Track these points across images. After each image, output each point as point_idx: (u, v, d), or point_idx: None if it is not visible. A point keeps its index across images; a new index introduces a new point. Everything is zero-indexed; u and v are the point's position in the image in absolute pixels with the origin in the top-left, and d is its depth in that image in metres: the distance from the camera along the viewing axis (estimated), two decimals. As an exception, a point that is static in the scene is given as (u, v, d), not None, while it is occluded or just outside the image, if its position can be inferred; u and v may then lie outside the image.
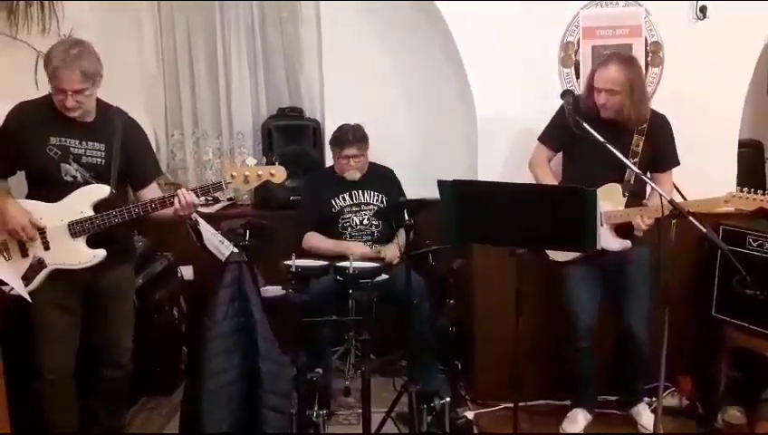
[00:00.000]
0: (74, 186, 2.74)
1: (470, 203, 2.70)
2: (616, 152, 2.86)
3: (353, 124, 3.80)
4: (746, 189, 2.92)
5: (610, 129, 3.03)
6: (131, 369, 3.05)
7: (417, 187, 3.80)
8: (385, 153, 4.02)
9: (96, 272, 2.80)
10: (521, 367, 2.84)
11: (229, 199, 4.37)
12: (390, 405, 3.15)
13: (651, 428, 3.34)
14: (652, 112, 3.18)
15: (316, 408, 3.14)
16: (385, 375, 3.64)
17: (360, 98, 4.09)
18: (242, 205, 4.36)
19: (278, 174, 2.79)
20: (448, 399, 3.18)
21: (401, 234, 3.64)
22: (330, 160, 3.98)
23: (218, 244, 3.12)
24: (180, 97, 4.35)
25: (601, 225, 3.08)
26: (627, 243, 3.14)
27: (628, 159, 3.02)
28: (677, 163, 3.20)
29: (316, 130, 4.19)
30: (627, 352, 3.35)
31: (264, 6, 4.22)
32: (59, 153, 2.73)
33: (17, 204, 2.75)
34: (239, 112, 4.31)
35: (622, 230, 3.13)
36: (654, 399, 3.50)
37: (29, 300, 2.74)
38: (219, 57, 4.25)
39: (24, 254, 2.76)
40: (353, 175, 3.77)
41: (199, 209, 3.96)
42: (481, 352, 3.69)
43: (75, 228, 2.71)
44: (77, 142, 2.76)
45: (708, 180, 3.34)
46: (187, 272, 4.10)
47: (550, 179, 3.27)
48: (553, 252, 3.20)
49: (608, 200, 3.08)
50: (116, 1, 4.12)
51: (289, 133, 4.17)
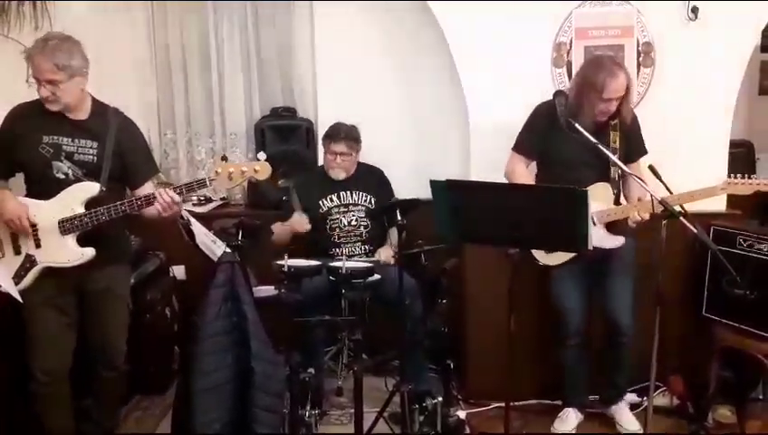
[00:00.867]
0: (66, 183, 2.74)
1: (463, 203, 2.71)
2: (609, 154, 2.88)
3: (349, 124, 3.80)
4: (740, 175, 2.95)
5: (590, 130, 3.05)
6: (126, 370, 3.05)
7: (409, 187, 3.80)
8: (377, 153, 4.01)
9: (90, 272, 2.79)
10: (513, 367, 2.84)
11: (222, 199, 4.36)
12: (383, 405, 3.15)
13: (631, 427, 3.37)
14: None
15: (308, 408, 3.14)
16: (377, 375, 3.64)
17: (353, 98, 4.09)
18: (234, 204, 4.35)
19: (262, 170, 2.75)
20: (440, 398, 3.18)
21: (393, 233, 3.64)
22: (322, 160, 3.97)
23: (211, 243, 3.11)
24: (173, 97, 4.34)
25: (594, 224, 3.10)
26: (621, 239, 3.16)
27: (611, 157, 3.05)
28: (646, 152, 3.23)
29: (309, 130, 4.19)
30: (610, 345, 3.37)
31: (258, 6, 4.22)
32: (51, 151, 2.73)
33: (14, 198, 2.76)
34: (232, 112, 4.30)
35: (614, 227, 3.14)
36: (644, 398, 3.53)
37: (19, 300, 2.73)
38: (212, 57, 4.24)
39: (17, 251, 2.76)
40: (337, 174, 3.76)
41: (192, 209, 3.99)
42: (473, 351, 3.70)
43: (65, 226, 2.71)
44: (69, 140, 2.75)
45: (699, 181, 3.36)
46: (180, 272, 4.09)
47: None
48: (543, 256, 3.18)
49: (598, 200, 3.09)
50: (109, 0, 4.11)
51: (282, 133, 4.17)
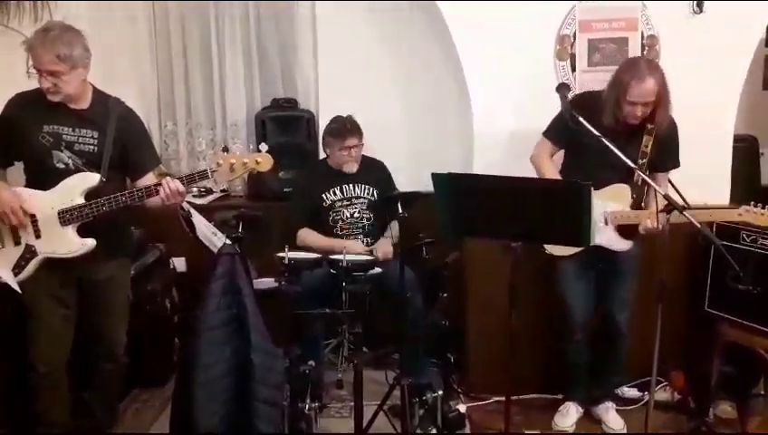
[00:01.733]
0: (66, 173, 2.72)
1: (465, 196, 2.69)
2: (613, 148, 2.85)
3: (346, 115, 3.77)
4: (760, 205, 2.90)
5: (622, 129, 3.01)
6: (125, 362, 3.04)
7: (411, 180, 3.79)
8: (379, 145, 3.99)
9: (91, 263, 2.78)
10: (513, 361, 2.83)
11: (222, 191, 4.35)
12: (383, 398, 3.14)
13: (616, 427, 3.35)
14: None
15: (308, 400, 3.13)
16: (377, 368, 3.63)
17: (355, 89, 4.07)
18: (235, 196, 4.35)
19: (264, 162, 2.72)
20: (441, 392, 3.17)
21: (394, 226, 3.64)
22: (323, 152, 3.95)
23: (211, 235, 3.11)
24: (174, 87, 4.33)
25: (606, 224, 3.08)
26: (629, 244, 3.13)
27: (638, 160, 3.01)
28: (678, 165, 3.17)
29: (310, 122, 4.17)
30: (606, 345, 3.34)
31: (260, -2, 4.20)
32: (51, 140, 2.71)
33: (8, 189, 2.74)
34: (233, 103, 4.28)
35: (626, 230, 3.11)
36: (645, 393, 3.53)
37: (18, 291, 2.73)
38: (213, 47, 4.23)
39: (17, 242, 2.74)
40: (351, 167, 3.72)
41: (192, 201, 3.98)
42: (474, 345, 3.69)
43: (65, 216, 2.69)
44: (70, 130, 2.74)
45: (703, 174, 3.36)
46: (180, 263, 4.08)
47: (552, 173, 3.21)
48: (551, 246, 3.17)
49: (615, 201, 3.07)
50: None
51: (283, 124, 4.16)
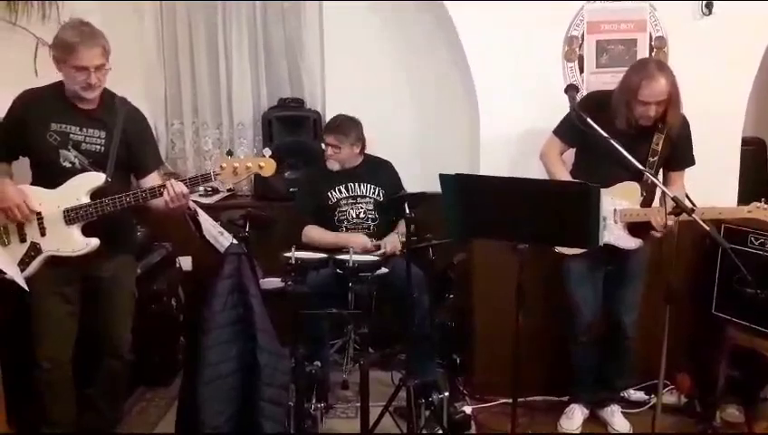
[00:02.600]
0: (72, 172, 2.73)
1: (472, 197, 2.68)
2: (621, 149, 2.84)
3: (348, 116, 3.74)
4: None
5: (633, 130, 3.01)
6: (130, 360, 3.04)
7: (418, 181, 3.77)
8: (386, 146, 3.99)
9: (96, 261, 2.79)
10: (520, 363, 2.82)
11: (229, 190, 4.35)
12: (388, 399, 3.14)
13: (623, 430, 3.34)
14: None
15: (314, 401, 3.14)
16: (383, 369, 3.62)
17: (362, 89, 4.07)
18: (241, 196, 4.34)
19: (267, 166, 2.73)
20: (447, 393, 3.17)
21: (401, 224, 3.63)
22: (330, 152, 3.95)
23: (217, 235, 3.11)
24: (180, 86, 4.33)
25: (616, 222, 3.07)
26: (638, 242, 3.12)
27: (648, 158, 3.02)
28: (693, 163, 3.16)
29: (317, 122, 4.16)
30: (612, 347, 3.33)
31: (267, -2, 4.20)
32: (58, 139, 2.73)
33: (14, 185, 2.75)
34: (240, 102, 4.28)
35: (635, 229, 3.10)
36: (652, 396, 3.52)
37: (25, 288, 2.73)
38: (220, 46, 4.23)
39: (23, 239, 2.75)
40: (331, 165, 3.71)
41: (199, 200, 3.98)
42: (480, 347, 3.68)
43: (70, 215, 2.71)
44: (77, 129, 2.75)
45: (711, 177, 3.35)
46: (186, 263, 4.08)
47: (561, 171, 3.20)
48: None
49: (625, 199, 3.07)
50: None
51: (289, 124, 4.16)
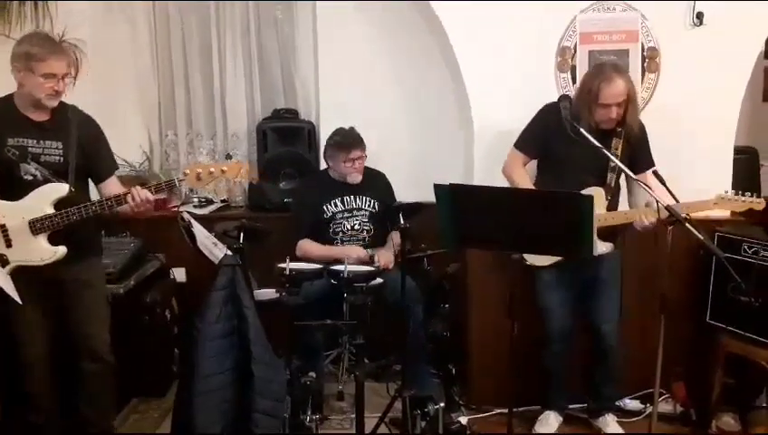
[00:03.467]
0: (35, 184, 2.77)
1: (466, 207, 2.68)
2: (616, 161, 2.86)
3: (348, 127, 3.78)
4: (733, 191, 2.96)
5: (594, 135, 3.03)
6: (112, 363, 3.04)
7: (412, 190, 3.77)
8: (380, 156, 3.99)
9: (64, 267, 2.82)
10: (515, 372, 2.82)
11: (223, 201, 4.34)
12: (384, 410, 3.13)
13: None
14: None
15: (309, 412, 3.12)
16: (378, 380, 3.62)
17: (356, 100, 4.08)
18: (235, 207, 4.33)
19: (230, 170, 2.79)
20: (442, 404, 3.15)
21: (395, 236, 3.63)
22: (323, 163, 3.95)
23: (212, 246, 3.10)
24: (174, 97, 4.33)
25: None
26: (609, 246, 3.13)
27: (609, 163, 3.07)
28: (653, 164, 3.17)
29: (311, 132, 4.17)
30: (595, 356, 3.33)
31: (260, 6, 4.21)
32: (17, 153, 2.76)
33: None
34: (234, 113, 4.28)
35: (605, 233, 3.11)
36: (647, 405, 3.52)
37: (18, 301, 2.76)
38: (214, 57, 4.23)
39: None
40: (356, 178, 3.72)
41: (193, 211, 3.97)
42: (475, 357, 3.68)
43: (36, 226, 2.74)
44: (35, 142, 2.79)
45: (703, 186, 3.34)
46: (180, 274, 4.06)
47: (527, 184, 3.23)
48: (532, 257, 3.14)
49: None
50: (111, 0, 4.10)
51: (284, 135, 4.16)
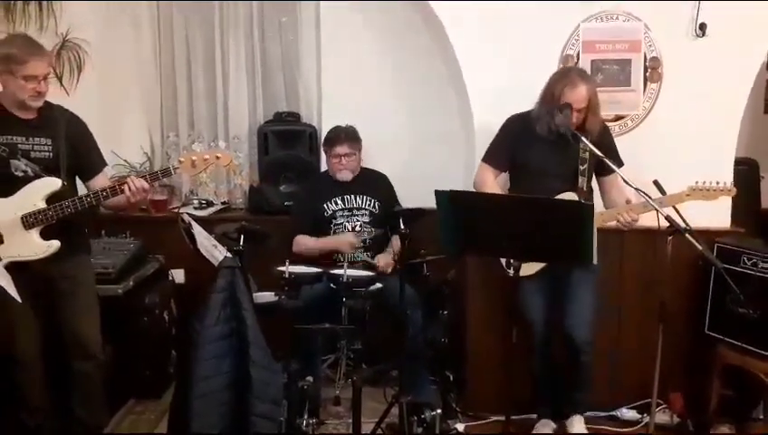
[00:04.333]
0: (26, 180, 2.80)
1: (467, 214, 2.69)
2: (614, 168, 2.86)
3: (345, 125, 3.82)
4: (704, 181, 3.00)
5: (559, 137, 3.08)
6: (103, 362, 3.05)
7: (413, 195, 3.78)
8: (381, 160, 4.01)
9: (53, 264, 2.84)
10: (513, 380, 2.82)
11: (223, 203, 4.35)
12: (381, 416, 3.13)
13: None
14: None
15: (306, 416, 3.11)
16: (376, 385, 3.61)
17: (358, 104, 4.09)
18: (236, 209, 4.34)
19: (223, 157, 2.90)
20: (439, 410, 3.15)
21: (395, 240, 3.64)
22: (325, 166, 3.96)
23: (212, 248, 3.09)
24: (177, 99, 4.33)
25: None
26: None
27: (578, 166, 3.12)
28: (622, 164, 3.18)
29: (312, 136, 4.17)
30: (569, 362, 3.29)
31: (264, 10, 4.22)
32: (7, 150, 2.79)
33: None
34: (235, 116, 4.29)
35: None
36: (644, 415, 3.52)
37: (18, 299, 2.76)
38: (217, 60, 4.23)
39: None
40: (345, 175, 3.76)
41: (193, 213, 3.97)
42: (473, 363, 3.67)
43: (28, 220, 2.76)
44: (23, 139, 2.82)
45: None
46: (179, 275, 4.06)
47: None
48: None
49: None
50: (115, 1, 4.11)
51: (285, 138, 4.16)
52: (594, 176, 3.25)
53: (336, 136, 3.76)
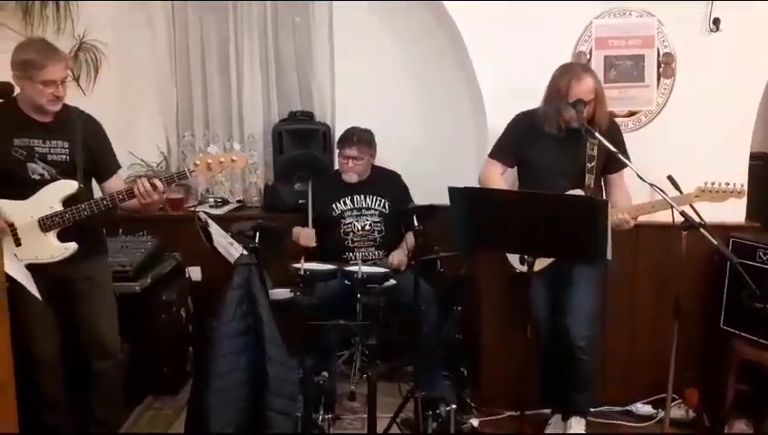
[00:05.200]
0: (42, 183, 2.82)
1: (480, 210, 2.70)
2: (629, 164, 2.86)
3: (363, 128, 3.83)
4: (714, 182, 2.98)
5: (566, 135, 3.08)
6: (122, 361, 3.08)
7: (426, 193, 3.79)
8: (395, 158, 4.02)
9: (71, 265, 2.86)
10: (527, 375, 2.83)
11: (238, 201, 4.39)
12: (396, 411, 3.14)
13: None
14: None
15: (321, 412, 3.14)
16: (390, 381, 3.62)
17: (371, 103, 4.11)
18: (251, 207, 4.38)
19: (239, 160, 2.90)
20: (454, 406, 3.16)
21: (409, 237, 3.65)
22: (338, 165, 3.98)
23: (228, 245, 3.12)
24: (192, 99, 4.37)
25: None
26: None
27: (586, 164, 3.10)
28: (629, 162, 3.15)
29: (326, 135, 4.20)
30: (568, 361, 3.24)
31: (278, 9, 4.25)
32: (24, 153, 2.81)
33: None
34: (250, 115, 4.32)
35: None
36: (660, 410, 3.51)
37: (38, 296, 2.79)
38: (232, 60, 4.27)
39: None
40: (350, 177, 3.78)
41: (209, 211, 4.01)
42: (487, 359, 3.69)
43: (46, 223, 2.78)
44: (41, 142, 2.84)
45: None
46: (195, 273, 4.10)
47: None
48: (520, 264, 3.09)
49: None
50: (131, 1, 4.15)
51: (299, 137, 4.19)
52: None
53: (348, 138, 3.77)
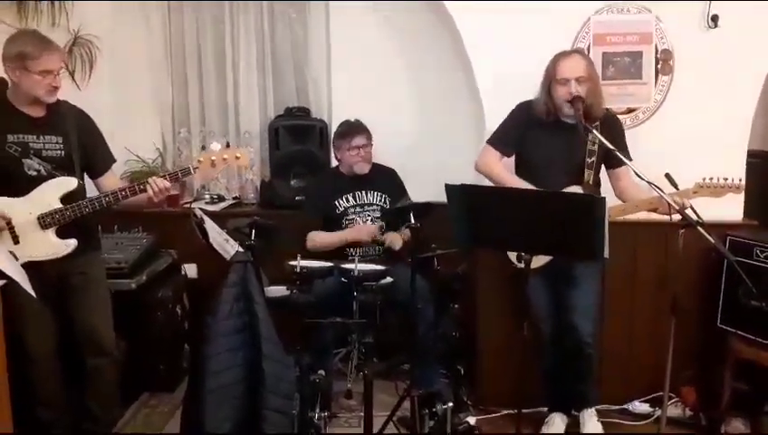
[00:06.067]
0: (39, 180, 2.79)
1: (478, 208, 2.69)
2: (627, 161, 2.86)
3: (354, 120, 3.82)
4: (712, 178, 2.94)
5: (566, 129, 3.07)
6: (118, 358, 3.07)
7: (423, 189, 3.77)
8: (392, 155, 4.01)
9: (67, 261, 2.84)
10: (524, 374, 2.82)
11: (234, 198, 4.37)
12: (392, 409, 3.14)
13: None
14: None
15: (318, 410, 3.13)
16: (387, 379, 3.62)
17: (368, 98, 4.09)
18: (247, 204, 4.36)
19: (243, 157, 2.89)
20: (451, 404, 3.15)
21: (406, 230, 3.64)
22: (335, 161, 3.97)
23: (224, 242, 3.11)
24: (188, 95, 4.35)
25: None
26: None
27: (586, 159, 3.09)
28: (630, 159, 3.13)
29: (323, 131, 4.18)
30: (572, 356, 3.25)
31: (274, 6, 4.23)
32: (19, 150, 2.78)
33: None
34: (246, 111, 4.31)
35: None
36: (657, 408, 3.51)
37: (32, 294, 2.74)
38: (228, 55, 4.25)
39: None
40: (362, 168, 3.75)
41: (205, 208, 3.99)
42: (484, 357, 3.68)
43: (45, 220, 2.75)
44: (35, 138, 2.81)
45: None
46: (191, 270, 4.09)
47: (510, 177, 3.19)
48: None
49: None
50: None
51: (296, 133, 4.17)
52: (605, 168, 3.22)
53: (352, 128, 3.75)
